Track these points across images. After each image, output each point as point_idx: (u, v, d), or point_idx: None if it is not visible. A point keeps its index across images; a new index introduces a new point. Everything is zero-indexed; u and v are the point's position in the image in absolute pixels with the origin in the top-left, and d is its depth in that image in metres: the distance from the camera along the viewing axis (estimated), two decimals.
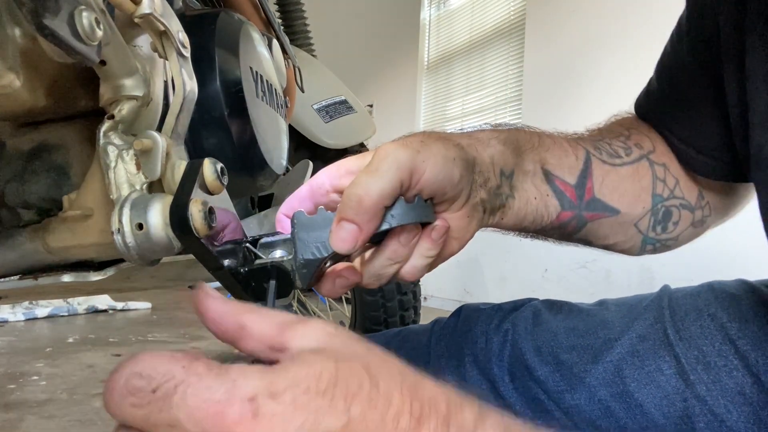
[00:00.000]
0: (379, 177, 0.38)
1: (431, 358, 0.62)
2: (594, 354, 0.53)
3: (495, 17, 3.66)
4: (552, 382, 0.54)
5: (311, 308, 1.65)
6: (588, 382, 0.52)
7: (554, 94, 3.06)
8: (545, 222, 0.51)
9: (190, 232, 0.40)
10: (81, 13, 0.36)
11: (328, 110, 1.33)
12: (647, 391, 0.50)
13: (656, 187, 0.55)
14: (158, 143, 0.45)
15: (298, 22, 1.45)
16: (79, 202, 0.49)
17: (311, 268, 0.40)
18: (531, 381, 0.55)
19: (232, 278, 0.44)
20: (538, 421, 0.51)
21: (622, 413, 0.51)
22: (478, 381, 0.57)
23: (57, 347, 1.83)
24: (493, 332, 0.59)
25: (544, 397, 0.54)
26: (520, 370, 0.56)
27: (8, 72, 0.43)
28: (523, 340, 0.57)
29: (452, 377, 0.59)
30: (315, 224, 0.40)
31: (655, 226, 0.56)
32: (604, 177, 0.54)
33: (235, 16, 0.67)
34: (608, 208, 0.54)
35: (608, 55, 2.75)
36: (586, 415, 0.52)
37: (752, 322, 0.49)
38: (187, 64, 0.47)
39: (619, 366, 0.52)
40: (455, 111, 4.00)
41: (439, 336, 0.63)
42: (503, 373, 0.56)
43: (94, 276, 0.53)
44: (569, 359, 0.54)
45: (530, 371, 0.55)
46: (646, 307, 0.54)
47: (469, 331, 0.61)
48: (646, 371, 0.51)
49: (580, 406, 0.52)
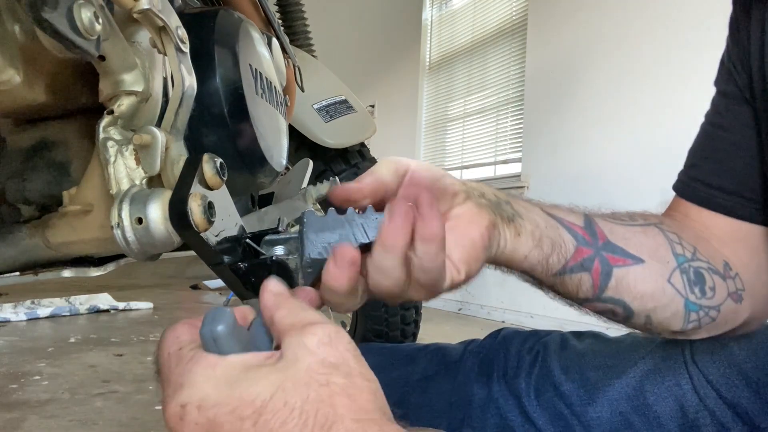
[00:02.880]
0: None
1: (460, 373, 0.65)
2: (619, 372, 0.57)
3: (497, 18, 3.66)
4: (576, 396, 0.57)
5: None
6: (611, 396, 0.56)
7: (556, 95, 3.06)
8: (565, 254, 0.47)
9: (190, 227, 0.40)
10: (80, 7, 0.36)
11: (328, 110, 1.33)
12: (665, 404, 0.54)
13: (674, 248, 0.53)
14: (157, 138, 0.45)
15: (298, 22, 1.45)
16: (79, 198, 0.49)
17: (317, 268, 0.40)
18: (556, 396, 0.58)
19: (231, 273, 0.44)
20: None
21: (641, 425, 0.54)
22: (504, 396, 0.61)
23: (59, 347, 1.84)
24: (526, 352, 0.63)
25: (567, 412, 0.57)
26: (546, 386, 0.59)
27: (8, 68, 0.43)
28: (552, 359, 0.61)
29: (480, 391, 0.63)
30: (325, 225, 0.40)
31: (692, 287, 0.52)
32: (612, 229, 0.51)
33: (235, 14, 0.67)
34: (629, 255, 0.50)
35: (610, 56, 2.75)
36: (606, 427, 0.56)
37: (761, 350, 0.53)
38: (185, 59, 0.47)
39: (641, 381, 0.56)
40: (457, 111, 4.00)
41: (473, 353, 0.67)
42: (529, 389, 0.60)
43: (94, 271, 0.53)
44: (594, 376, 0.58)
45: (556, 387, 0.59)
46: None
47: (506, 351, 0.65)
48: (666, 386, 0.55)
49: (601, 418, 0.56)
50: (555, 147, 3.03)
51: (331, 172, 1.31)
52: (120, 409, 1.19)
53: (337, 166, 1.32)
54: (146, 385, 1.39)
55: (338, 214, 0.41)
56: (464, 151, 3.89)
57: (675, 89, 2.39)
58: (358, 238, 0.39)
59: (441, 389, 0.67)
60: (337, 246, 0.37)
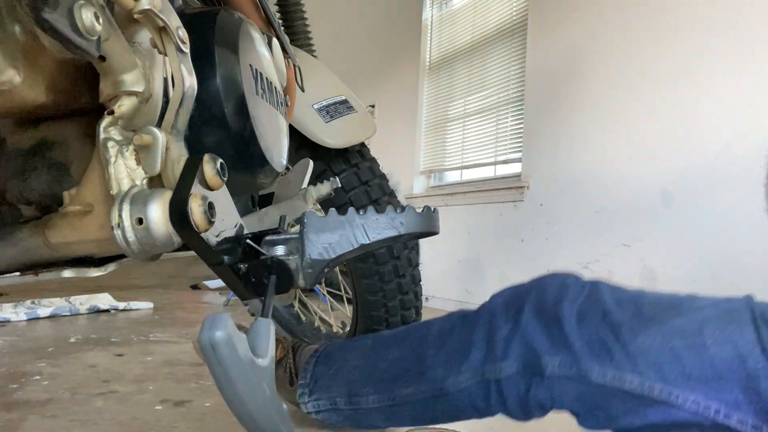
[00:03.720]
0: None
1: (481, 317, 0.69)
2: (679, 311, 0.57)
3: (497, 18, 3.66)
4: (627, 325, 0.57)
5: (312, 309, 1.65)
6: (665, 330, 0.55)
7: (556, 95, 3.06)
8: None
9: (190, 227, 0.40)
10: (80, 7, 0.36)
11: (328, 110, 1.33)
12: (723, 349, 0.53)
13: None
14: (158, 138, 0.45)
15: (298, 22, 1.45)
16: (80, 198, 0.49)
17: (317, 268, 0.40)
18: (603, 323, 0.59)
19: (231, 273, 0.44)
20: (593, 360, 0.56)
21: (692, 363, 0.53)
22: (533, 325, 0.63)
23: (59, 347, 1.84)
24: (572, 283, 0.65)
25: (611, 338, 0.57)
26: (593, 312, 0.60)
27: (8, 68, 0.43)
28: (605, 291, 0.62)
29: (505, 324, 0.66)
30: (325, 226, 0.40)
31: None
32: None
33: (235, 14, 0.67)
34: None
35: (610, 56, 2.75)
36: (653, 358, 0.55)
37: None
38: (186, 60, 0.47)
39: (702, 324, 0.55)
40: (457, 111, 4.00)
41: (496, 297, 0.70)
42: (572, 314, 0.61)
43: (94, 272, 0.53)
44: (651, 311, 0.58)
45: (605, 314, 0.59)
46: (736, 299, 0.57)
47: (544, 284, 0.66)
48: (726, 333, 0.54)
49: (650, 348, 0.55)
50: (555, 147, 3.03)
51: (331, 172, 1.31)
52: (120, 409, 1.19)
53: (337, 166, 1.32)
54: (146, 385, 1.39)
55: (339, 214, 0.41)
56: (464, 151, 3.89)
57: (675, 89, 2.39)
58: (359, 239, 0.39)
59: (460, 336, 0.70)
60: None
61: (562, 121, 3.00)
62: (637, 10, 2.63)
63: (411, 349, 0.76)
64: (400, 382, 0.75)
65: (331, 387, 0.85)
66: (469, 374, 0.67)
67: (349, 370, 0.83)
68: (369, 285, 1.27)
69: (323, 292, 1.82)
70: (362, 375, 0.81)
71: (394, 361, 0.78)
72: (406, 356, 0.76)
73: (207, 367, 0.62)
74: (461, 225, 3.58)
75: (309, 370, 0.89)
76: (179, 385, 1.40)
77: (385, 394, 0.77)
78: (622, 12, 2.71)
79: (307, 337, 1.51)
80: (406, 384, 0.74)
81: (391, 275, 1.27)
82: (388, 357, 0.79)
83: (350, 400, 0.81)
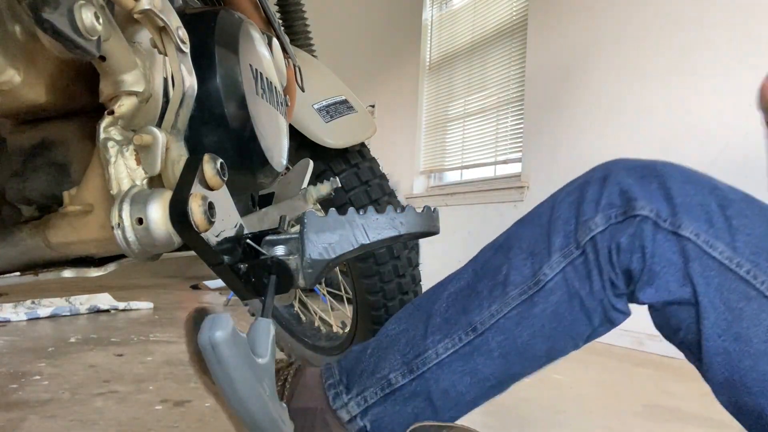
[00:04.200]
0: None
1: (552, 217, 0.64)
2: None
3: (497, 18, 3.66)
4: (737, 206, 0.55)
5: (312, 309, 1.65)
6: (755, 233, 0.53)
7: (556, 95, 3.06)
8: None
9: (190, 227, 0.40)
10: (80, 7, 0.36)
11: (328, 110, 1.33)
12: None
13: None
14: (158, 138, 0.45)
15: (298, 22, 1.45)
16: (80, 198, 0.49)
17: (317, 268, 0.40)
18: (710, 194, 0.56)
19: (231, 273, 0.44)
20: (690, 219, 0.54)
21: None
22: (625, 178, 0.62)
23: (59, 347, 1.84)
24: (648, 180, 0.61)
25: (716, 210, 0.55)
26: (703, 181, 0.57)
27: (8, 68, 0.43)
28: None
29: (593, 185, 0.65)
30: (325, 226, 0.40)
31: None
32: None
33: (235, 14, 0.67)
34: None
35: (610, 56, 2.75)
36: (754, 242, 0.53)
37: None
38: (186, 59, 0.47)
39: None
40: (457, 111, 4.00)
41: (571, 183, 0.69)
42: (677, 174, 0.59)
43: (94, 272, 0.53)
44: (762, 206, 0.55)
45: (714, 188, 0.57)
46: None
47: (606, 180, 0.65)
48: None
49: (753, 233, 0.53)
50: (555, 147, 3.03)
51: (331, 172, 1.31)
52: (120, 409, 1.19)
53: (337, 166, 1.32)
54: (146, 385, 1.39)
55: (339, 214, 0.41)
56: (464, 151, 3.89)
57: (675, 89, 2.39)
58: (359, 239, 0.39)
59: (538, 222, 0.64)
60: None
61: (562, 121, 3.00)
62: (637, 10, 2.63)
63: (478, 269, 0.66)
64: (476, 307, 0.63)
65: (376, 367, 0.66)
66: (560, 253, 0.61)
67: (393, 339, 0.67)
68: (369, 285, 1.27)
69: (323, 292, 1.82)
70: (417, 330, 0.65)
71: (457, 292, 0.66)
72: (474, 278, 0.65)
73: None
74: (461, 225, 3.58)
75: (334, 368, 0.69)
76: (179, 385, 1.40)
77: (459, 330, 0.63)
78: (621, 12, 2.71)
79: (307, 337, 1.51)
80: (489, 302, 0.62)
81: (391, 275, 1.27)
82: (445, 294, 0.66)
83: (412, 365, 0.63)
